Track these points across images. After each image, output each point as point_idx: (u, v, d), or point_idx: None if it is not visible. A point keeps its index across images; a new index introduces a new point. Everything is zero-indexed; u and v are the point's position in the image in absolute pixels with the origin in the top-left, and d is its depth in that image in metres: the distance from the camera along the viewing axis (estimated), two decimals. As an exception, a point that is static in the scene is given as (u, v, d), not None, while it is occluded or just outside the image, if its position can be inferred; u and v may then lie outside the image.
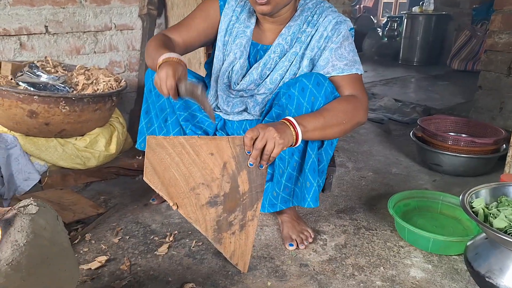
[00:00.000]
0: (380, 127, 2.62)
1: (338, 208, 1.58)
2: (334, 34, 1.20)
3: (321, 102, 1.15)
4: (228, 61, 1.29)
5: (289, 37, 1.23)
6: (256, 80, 1.27)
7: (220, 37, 1.31)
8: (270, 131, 1.01)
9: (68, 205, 1.48)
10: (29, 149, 1.60)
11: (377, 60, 5.33)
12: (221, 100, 1.36)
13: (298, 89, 1.15)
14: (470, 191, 1.29)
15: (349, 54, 1.21)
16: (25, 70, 1.64)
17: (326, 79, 1.17)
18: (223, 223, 1.11)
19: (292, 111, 1.17)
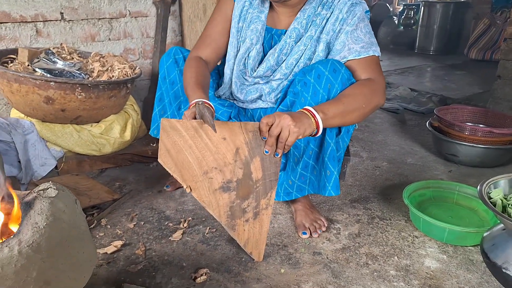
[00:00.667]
0: (395, 117, 2.58)
1: (352, 197, 1.57)
2: (349, 16, 1.18)
3: (337, 89, 1.14)
4: (244, 47, 1.28)
5: (304, 20, 1.21)
6: (272, 66, 1.26)
7: (234, 24, 1.30)
8: (286, 119, 1.01)
9: (84, 190, 1.50)
10: (45, 135, 1.63)
11: (392, 49, 5.24)
12: (235, 88, 1.35)
13: (314, 76, 1.14)
14: (488, 182, 1.26)
15: (365, 36, 1.19)
16: (41, 57, 1.65)
17: (343, 65, 1.15)
18: (237, 209, 1.11)
19: (307, 99, 1.15)
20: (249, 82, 1.32)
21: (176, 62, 1.41)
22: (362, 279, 1.12)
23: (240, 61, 1.30)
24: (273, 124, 1.01)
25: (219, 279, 1.10)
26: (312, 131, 1.05)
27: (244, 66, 1.30)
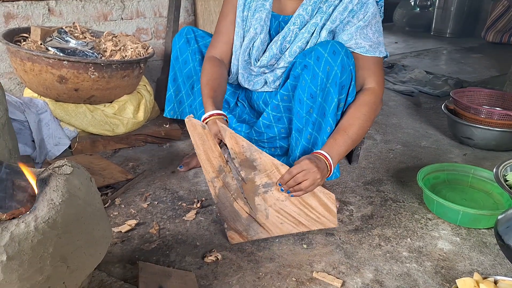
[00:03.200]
0: (410, 100, 2.54)
1: (365, 180, 1.56)
2: (360, 10, 1.13)
3: (337, 72, 1.10)
4: (249, 37, 1.25)
5: (310, 7, 1.16)
6: (276, 55, 1.23)
7: (238, 13, 1.27)
8: (314, 173, 1.04)
9: (98, 170, 1.52)
10: (59, 114, 1.64)
11: (408, 31, 5.11)
12: (243, 79, 1.34)
13: (314, 59, 1.11)
14: (504, 164, 1.24)
15: (374, 35, 1.16)
16: (54, 35, 1.65)
17: (344, 47, 1.11)
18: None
19: (307, 82, 1.13)
20: (255, 73, 1.31)
21: (188, 42, 1.42)
22: (375, 259, 1.12)
23: (245, 51, 1.28)
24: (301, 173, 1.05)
25: (232, 258, 1.11)
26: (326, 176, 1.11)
27: (249, 56, 1.28)
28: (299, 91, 1.17)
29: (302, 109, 1.18)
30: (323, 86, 1.13)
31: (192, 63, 1.43)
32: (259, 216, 1.13)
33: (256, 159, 1.08)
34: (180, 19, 2.18)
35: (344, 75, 1.11)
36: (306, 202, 1.13)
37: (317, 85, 1.13)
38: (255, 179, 1.10)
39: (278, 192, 1.11)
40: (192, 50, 1.42)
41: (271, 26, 1.26)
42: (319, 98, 1.14)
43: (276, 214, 1.13)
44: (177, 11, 2.13)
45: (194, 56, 1.42)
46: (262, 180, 1.10)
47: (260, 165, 1.09)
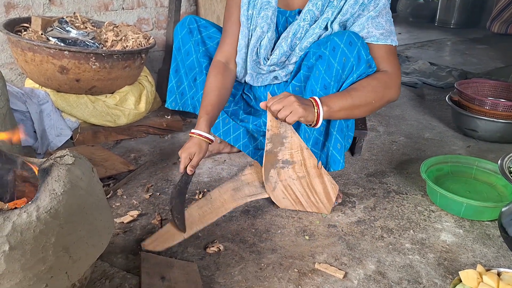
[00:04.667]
0: (414, 91, 2.52)
1: (367, 171, 1.55)
2: (370, 3, 1.11)
3: (353, 63, 1.09)
4: (256, 36, 1.22)
5: (320, 2, 1.14)
6: (286, 52, 1.21)
7: (243, 12, 1.23)
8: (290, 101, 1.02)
9: (100, 161, 1.52)
10: (60, 105, 1.63)
11: (412, 21, 5.06)
12: (251, 79, 1.32)
13: (329, 49, 1.09)
14: (509, 156, 1.23)
15: (386, 23, 1.14)
16: (55, 25, 1.63)
17: (360, 38, 1.10)
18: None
19: (322, 72, 1.11)
20: (265, 71, 1.28)
21: (191, 32, 1.39)
22: (377, 251, 1.11)
23: (253, 51, 1.25)
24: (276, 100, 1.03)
25: (234, 249, 1.11)
26: (312, 120, 1.05)
27: (257, 55, 1.25)
28: (311, 82, 1.15)
29: None
30: (338, 77, 1.11)
31: (195, 54, 1.40)
32: (267, 186, 1.21)
33: (287, 136, 1.16)
34: (181, 8, 2.16)
35: (360, 66, 1.10)
36: (313, 186, 1.21)
37: (332, 76, 1.11)
38: (279, 153, 1.17)
39: (292, 171, 1.19)
40: (195, 41, 1.39)
41: (278, 22, 1.23)
42: (334, 90, 1.13)
43: (283, 189, 1.22)
44: (178, 1, 2.11)
45: (197, 47, 1.39)
46: (284, 156, 1.17)
47: (288, 143, 1.16)
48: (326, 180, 1.20)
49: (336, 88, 1.13)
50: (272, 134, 1.14)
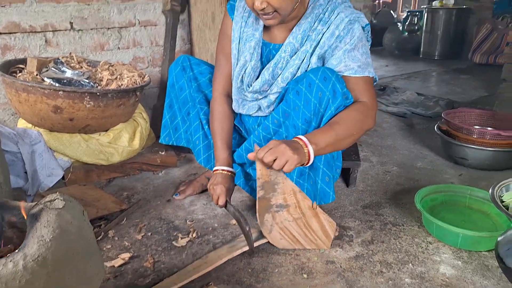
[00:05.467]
0: (403, 121, 2.56)
1: (363, 203, 1.55)
2: (347, 35, 1.16)
3: (329, 97, 1.13)
4: (240, 65, 1.29)
5: (300, 35, 1.21)
6: (268, 81, 1.26)
7: (234, 45, 1.32)
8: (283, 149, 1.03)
9: (91, 201, 1.49)
10: (53, 144, 1.62)
11: (398, 54, 5.24)
12: (237, 105, 1.37)
13: (306, 85, 1.14)
14: (499, 185, 1.24)
15: (363, 56, 1.18)
16: (50, 66, 1.66)
17: (334, 73, 1.15)
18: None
19: (301, 108, 1.16)
20: (249, 98, 1.33)
21: (184, 70, 1.46)
22: None
23: (238, 78, 1.31)
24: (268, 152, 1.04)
25: (231, 289, 1.08)
26: (305, 161, 1.08)
27: (241, 82, 1.32)
28: (293, 117, 1.19)
29: (297, 133, 1.20)
30: (316, 111, 1.15)
31: (188, 89, 1.46)
32: (264, 229, 1.20)
33: (279, 182, 1.16)
34: (176, 47, 2.21)
35: (337, 99, 1.14)
36: (310, 225, 1.19)
37: (311, 111, 1.15)
38: (272, 199, 1.17)
39: (287, 213, 1.18)
40: (188, 77, 1.45)
41: (262, 53, 1.30)
42: (313, 123, 1.17)
43: (279, 231, 1.20)
44: (173, 40, 2.16)
45: (190, 83, 1.45)
46: (278, 201, 1.17)
47: (280, 188, 1.16)
48: (322, 218, 1.20)
49: (316, 121, 1.17)
50: (263, 181, 1.15)
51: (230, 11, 1.33)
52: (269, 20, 1.15)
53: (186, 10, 2.22)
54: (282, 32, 1.26)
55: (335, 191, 1.32)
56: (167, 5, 2.11)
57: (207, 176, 1.61)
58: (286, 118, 1.22)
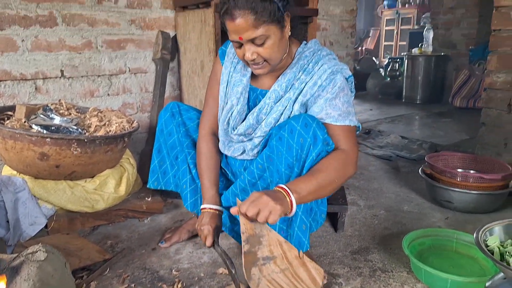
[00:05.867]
0: (389, 164, 2.61)
1: (352, 249, 1.54)
2: (329, 84, 1.22)
3: (310, 143, 1.16)
4: (227, 108, 1.34)
5: (285, 84, 1.26)
6: (253, 125, 1.30)
7: (222, 88, 1.37)
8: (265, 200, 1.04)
9: (74, 250, 1.45)
10: (37, 192, 1.60)
11: (381, 98, 5.42)
12: (223, 146, 1.40)
13: (288, 131, 1.17)
14: (483, 229, 1.25)
15: (343, 105, 1.22)
16: (38, 113, 1.67)
17: (315, 119, 1.18)
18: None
19: (283, 153, 1.18)
20: (235, 140, 1.36)
21: (173, 115, 1.50)
22: (368, 337, 1.06)
23: (224, 120, 1.35)
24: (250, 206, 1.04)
25: None
26: (287, 211, 1.08)
27: (227, 125, 1.36)
28: (276, 163, 1.21)
29: (281, 179, 1.21)
30: (298, 157, 1.17)
31: (176, 134, 1.49)
32: (251, 284, 1.16)
33: (264, 235, 1.14)
34: (165, 93, 2.27)
35: (317, 145, 1.16)
36: (298, 275, 1.17)
37: (293, 156, 1.17)
38: (258, 252, 1.14)
39: (274, 265, 1.15)
40: (176, 122, 1.49)
41: (249, 98, 1.35)
42: (296, 169, 1.18)
43: (267, 283, 1.17)
44: (163, 86, 2.22)
45: (178, 128, 1.48)
46: (264, 253, 1.14)
47: (266, 240, 1.14)
48: (310, 267, 1.18)
49: (298, 167, 1.18)
50: (247, 235, 1.13)
51: (221, 56, 1.39)
52: (259, 69, 1.20)
53: (176, 58, 2.30)
54: (270, 79, 1.31)
55: (324, 236, 1.31)
56: (157, 54, 2.18)
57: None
58: (270, 163, 1.24)
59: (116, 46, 2.10)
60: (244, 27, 1.10)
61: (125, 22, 2.11)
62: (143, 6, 2.15)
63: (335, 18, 3.06)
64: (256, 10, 1.09)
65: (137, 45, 2.17)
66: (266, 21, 1.11)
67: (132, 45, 2.15)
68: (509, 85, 2.28)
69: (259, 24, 1.10)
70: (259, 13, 1.09)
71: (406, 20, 8.01)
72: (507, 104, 2.30)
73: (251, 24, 1.10)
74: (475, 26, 4.71)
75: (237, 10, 1.09)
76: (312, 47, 1.29)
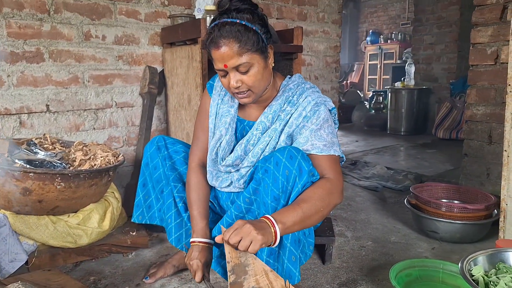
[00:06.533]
0: (375, 195, 2.63)
1: (340, 281, 1.52)
2: (314, 115, 1.26)
3: (295, 174, 1.17)
4: (215, 138, 1.36)
5: (271, 115, 1.30)
6: (241, 156, 1.32)
7: (211, 120, 1.40)
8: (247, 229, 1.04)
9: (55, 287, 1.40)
10: (18, 227, 1.56)
11: (366, 130, 5.53)
12: (211, 176, 1.40)
13: (273, 163, 1.19)
14: (468, 259, 1.26)
15: (328, 136, 1.26)
16: (22, 148, 1.66)
17: (300, 151, 1.20)
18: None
19: (270, 185, 1.19)
20: (223, 171, 1.37)
21: (159, 149, 1.50)
22: None
23: (213, 150, 1.37)
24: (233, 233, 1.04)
25: None
26: (271, 241, 1.08)
27: (216, 155, 1.37)
28: (262, 195, 1.22)
29: (267, 211, 1.20)
30: (284, 189, 1.18)
31: (162, 168, 1.48)
32: None
33: (249, 264, 1.12)
34: (152, 127, 2.29)
35: (303, 177, 1.17)
36: None
37: (279, 188, 1.18)
38: (244, 283, 1.11)
39: None
40: (162, 156, 1.49)
41: (237, 129, 1.38)
42: (282, 201, 1.19)
43: None
44: (149, 120, 2.24)
45: (164, 161, 1.48)
46: (250, 284, 1.11)
47: (252, 270, 1.12)
48: None
49: (285, 198, 1.19)
50: (233, 265, 1.12)
51: (210, 90, 1.43)
52: (244, 98, 1.24)
53: (163, 92, 2.34)
54: (257, 111, 1.35)
55: (311, 268, 1.30)
56: (144, 88, 2.22)
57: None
58: (257, 195, 1.25)
59: (103, 81, 2.14)
60: (229, 54, 1.15)
61: (112, 58, 2.16)
62: (130, 42, 2.21)
63: (319, 54, 3.17)
64: (240, 39, 1.14)
65: (124, 80, 2.21)
66: (250, 50, 1.16)
67: (119, 80, 2.19)
68: (489, 117, 2.36)
69: (243, 52, 1.15)
70: (243, 41, 1.14)
71: (389, 55, 8.35)
72: (488, 136, 2.38)
73: (235, 51, 1.14)
74: (454, 61, 4.92)
75: (222, 39, 1.14)
76: (296, 80, 1.35)
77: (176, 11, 2.35)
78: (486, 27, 2.32)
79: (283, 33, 2.17)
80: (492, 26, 2.29)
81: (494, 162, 2.34)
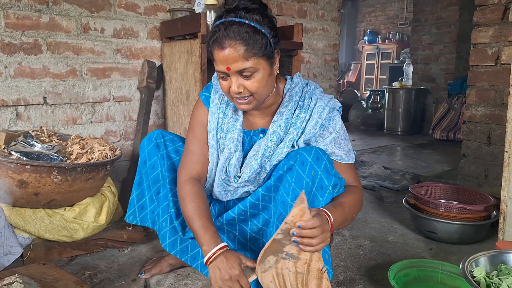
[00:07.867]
0: (373, 194, 2.63)
1: (337, 280, 1.51)
2: (329, 124, 1.22)
3: (322, 177, 1.13)
4: (224, 156, 1.26)
5: (283, 123, 1.22)
6: (257, 170, 1.24)
7: (212, 136, 1.28)
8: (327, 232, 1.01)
9: (51, 281, 1.38)
10: (14, 220, 1.54)
11: (363, 129, 5.53)
12: (220, 195, 1.32)
13: (298, 162, 1.13)
14: (469, 260, 1.26)
15: (345, 143, 1.25)
16: (19, 140, 1.64)
17: (326, 154, 1.17)
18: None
19: (292, 184, 1.14)
20: (235, 187, 1.29)
21: (158, 147, 1.40)
22: None
23: (222, 170, 1.27)
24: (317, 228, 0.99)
25: None
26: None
27: (226, 174, 1.28)
28: (282, 193, 1.15)
29: (285, 211, 1.14)
30: (308, 189, 1.12)
31: (160, 168, 1.39)
32: (259, 267, 1.10)
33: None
34: (150, 121, 2.27)
35: (330, 180, 1.14)
36: (307, 284, 1.10)
37: (302, 188, 1.12)
38: (286, 246, 1.07)
39: (293, 264, 1.09)
40: (161, 155, 1.39)
41: (244, 142, 1.29)
42: None
43: (274, 275, 1.10)
44: (147, 115, 2.22)
45: (163, 161, 1.39)
46: (291, 250, 1.07)
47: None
48: (323, 285, 1.09)
49: (307, 200, 1.12)
50: (288, 228, 1.05)
51: (206, 102, 1.30)
52: (243, 104, 1.15)
53: (161, 87, 2.31)
54: (261, 119, 1.28)
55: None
56: (142, 82, 2.20)
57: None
58: (276, 193, 1.19)
59: (101, 74, 2.11)
60: (233, 57, 1.05)
61: (110, 51, 2.13)
62: (129, 36, 2.18)
63: (318, 51, 3.16)
64: (247, 42, 1.05)
65: (122, 74, 2.18)
66: (256, 54, 1.07)
67: (117, 74, 2.16)
68: (488, 118, 2.37)
69: (249, 56, 1.06)
70: (250, 44, 1.05)
71: (386, 55, 8.37)
72: (487, 137, 2.38)
73: (241, 55, 1.05)
74: (452, 61, 4.93)
75: (228, 39, 1.05)
76: (299, 83, 1.28)
77: (176, 5, 2.33)
78: (487, 27, 2.32)
79: (283, 29, 2.16)
80: (493, 26, 2.29)
81: (493, 163, 2.35)
